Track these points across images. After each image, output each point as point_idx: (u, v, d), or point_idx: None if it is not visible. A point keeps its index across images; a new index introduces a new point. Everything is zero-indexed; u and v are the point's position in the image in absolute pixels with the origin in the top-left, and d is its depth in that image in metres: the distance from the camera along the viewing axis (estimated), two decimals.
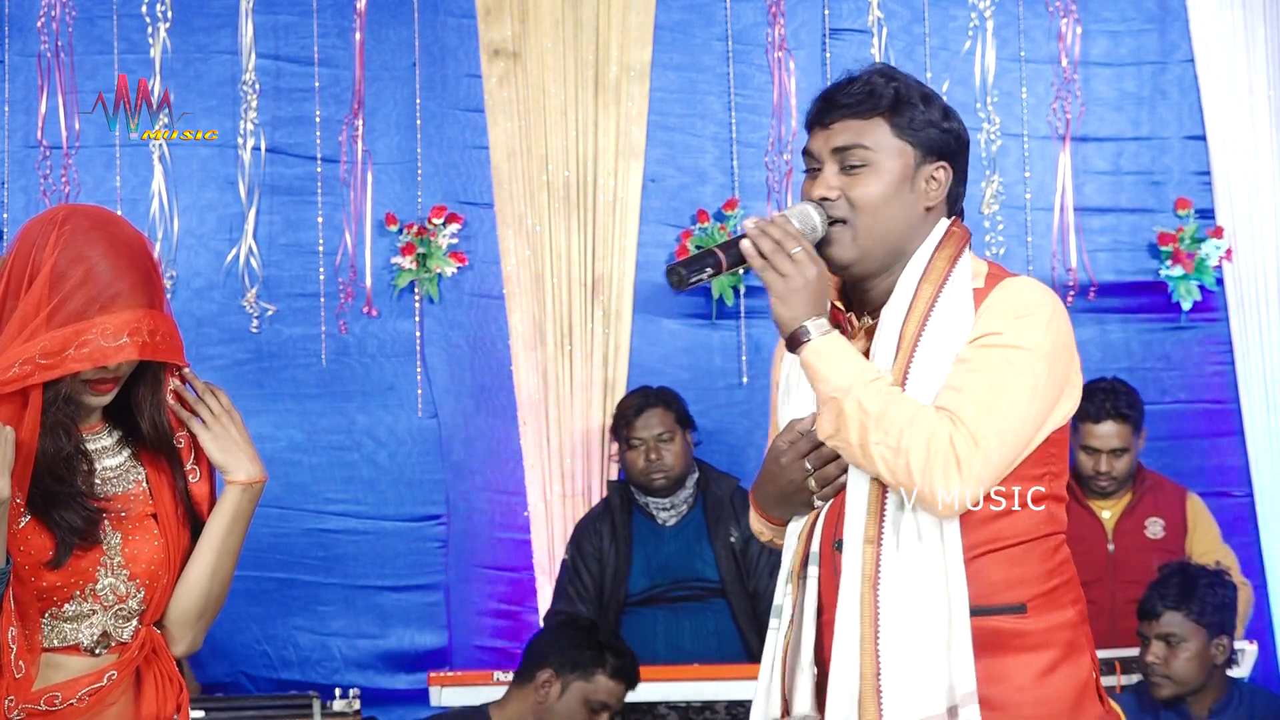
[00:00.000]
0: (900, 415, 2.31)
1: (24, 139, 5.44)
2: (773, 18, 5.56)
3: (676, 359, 5.47)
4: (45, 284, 2.32)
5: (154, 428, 2.45)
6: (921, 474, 2.30)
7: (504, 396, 5.47)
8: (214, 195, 5.46)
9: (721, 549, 4.81)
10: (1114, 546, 4.80)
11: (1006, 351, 2.36)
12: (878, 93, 2.46)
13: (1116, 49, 5.67)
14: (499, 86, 5.49)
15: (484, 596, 5.45)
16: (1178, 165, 5.64)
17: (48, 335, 2.30)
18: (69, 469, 2.39)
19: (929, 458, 2.30)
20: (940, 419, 2.32)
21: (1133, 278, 5.63)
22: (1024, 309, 2.40)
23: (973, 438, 2.31)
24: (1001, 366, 2.35)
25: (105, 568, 2.40)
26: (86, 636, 2.40)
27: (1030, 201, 5.58)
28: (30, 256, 2.35)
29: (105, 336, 2.31)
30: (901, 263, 2.44)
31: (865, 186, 2.44)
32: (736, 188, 5.56)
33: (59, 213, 2.40)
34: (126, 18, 5.44)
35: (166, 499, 2.46)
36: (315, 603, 5.35)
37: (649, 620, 4.84)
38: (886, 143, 2.45)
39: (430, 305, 5.53)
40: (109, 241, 2.36)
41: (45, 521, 2.36)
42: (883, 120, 2.45)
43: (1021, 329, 2.38)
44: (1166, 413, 5.51)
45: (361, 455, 5.48)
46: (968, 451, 2.30)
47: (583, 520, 5.06)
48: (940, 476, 2.30)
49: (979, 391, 2.34)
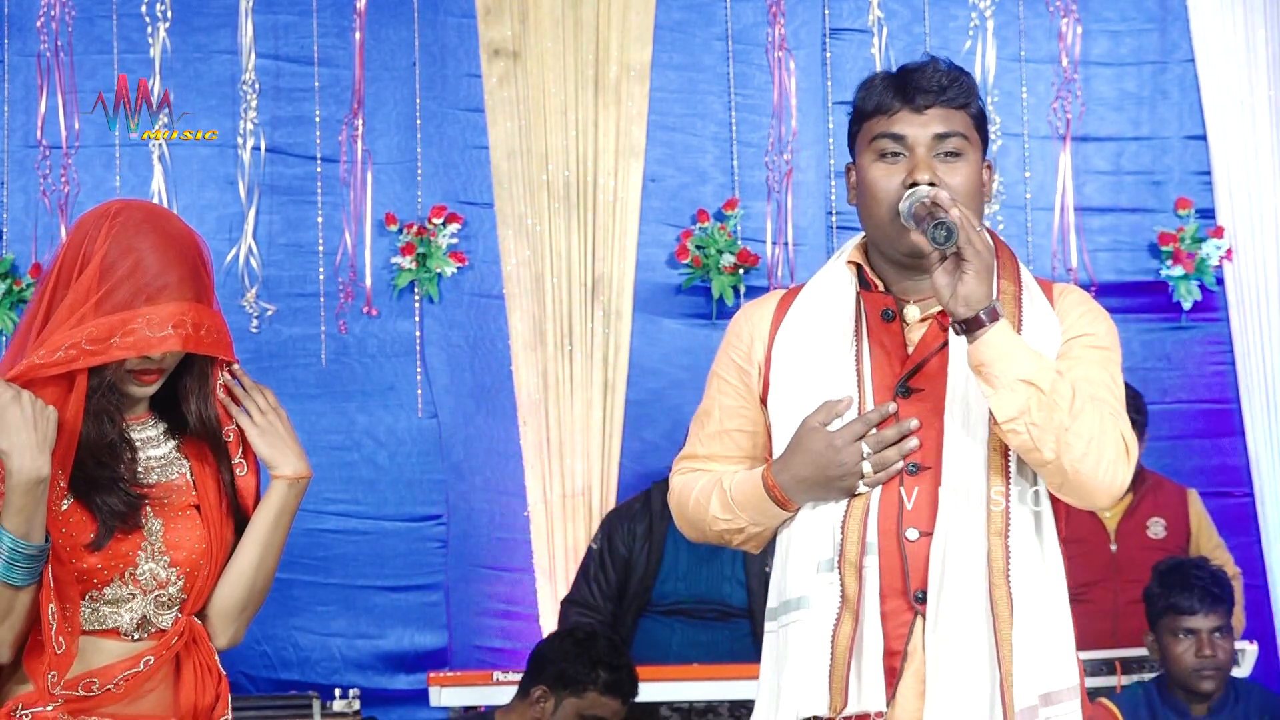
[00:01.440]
0: (1087, 407, 2.37)
1: (23, 139, 5.44)
2: (773, 17, 5.56)
3: (677, 359, 5.47)
4: (95, 273, 2.36)
5: (199, 420, 2.50)
6: (1110, 466, 2.38)
7: (504, 396, 5.47)
8: (213, 195, 5.46)
9: (755, 570, 4.71)
10: (1116, 547, 4.80)
11: (1106, 354, 2.47)
12: (966, 84, 2.49)
13: (1117, 49, 5.67)
14: (499, 86, 5.49)
15: (484, 596, 5.45)
16: (1178, 165, 5.64)
17: (94, 322, 2.35)
18: (112, 455, 2.43)
19: (1116, 449, 2.38)
20: (1110, 412, 2.40)
21: (1133, 277, 5.63)
22: (1100, 315, 2.53)
23: (1129, 432, 2.43)
24: (1110, 367, 2.46)
25: (145, 553, 2.44)
26: (126, 621, 2.43)
27: (1031, 201, 5.58)
28: (82, 247, 2.40)
29: (150, 326, 2.35)
30: None
31: (960, 175, 2.45)
32: (736, 187, 5.56)
33: (112, 206, 2.45)
34: (126, 17, 5.44)
35: (210, 491, 2.50)
36: (315, 603, 5.34)
37: (665, 629, 4.79)
38: (972, 135, 2.48)
39: (430, 305, 5.52)
40: (159, 235, 2.40)
41: (87, 505, 2.40)
42: (968, 113, 2.48)
43: (1108, 333, 2.50)
44: (1167, 413, 5.51)
45: (361, 455, 5.48)
46: (1132, 445, 2.43)
47: (617, 512, 4.99)
48: (1121, 469, 2.39)
49: (1110, 389, 2.43)
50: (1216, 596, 4.31)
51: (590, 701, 4.13)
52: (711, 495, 2.57)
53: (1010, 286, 2.45)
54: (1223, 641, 4.31)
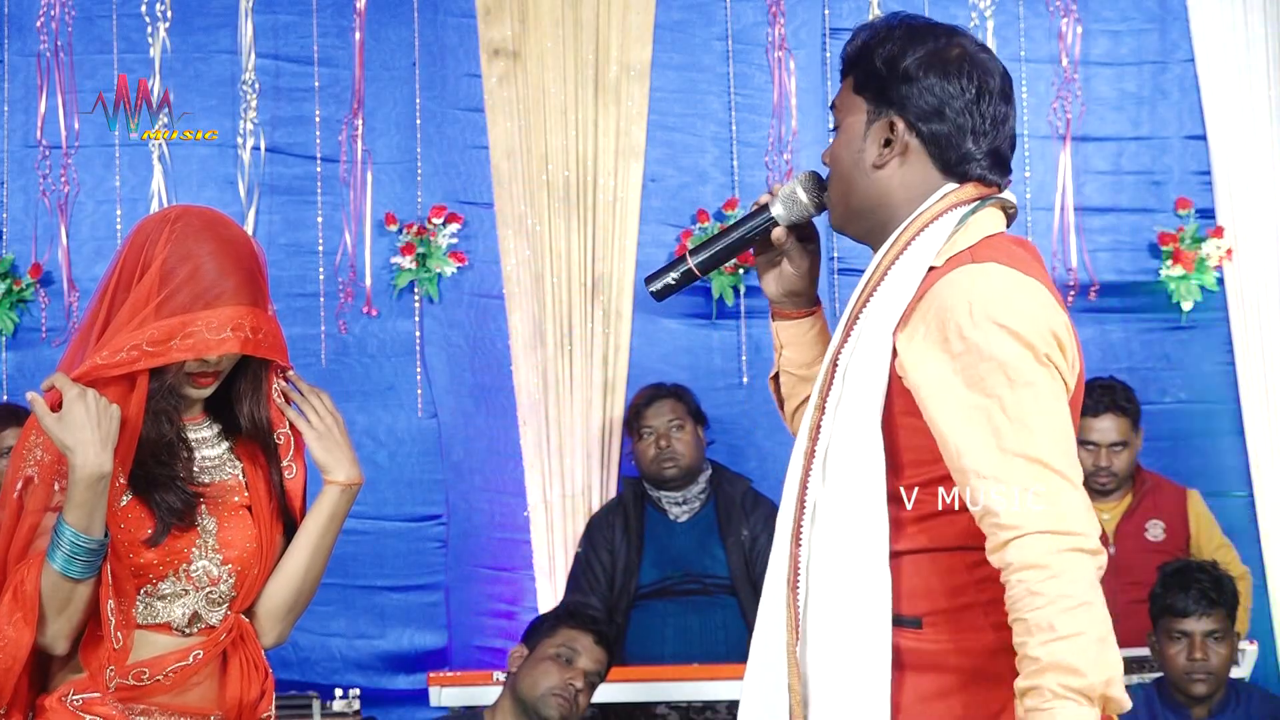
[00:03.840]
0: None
1: (23, 138, 5.44)
2: (773, 17, 5.56)
3: (676, 359, 5.47)
4: (156, 277, 2.44)
5: (252, 422, 2.57)
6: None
7: (504, 396, 5.47)
8: (213, 195, 5.45)
9: (733, 546, 4.85)
10: (1114, 549, 4.80)
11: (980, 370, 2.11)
12: (846, 51, 2.32)
13: (1117, 48, 5.67)
14: (499, 86, 5.49)
15: (484, 597, 5.45)
16: (1178, 165, 5.64)
17: (155, 325, 2.43)
18: (170, 454, 2.51)
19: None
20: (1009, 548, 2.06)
21: (1133, 277, 5.63)
22: (944, 338, 2.13)
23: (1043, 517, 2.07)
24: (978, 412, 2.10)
25: (199, 550, 2.51)
26: (178, 616, 2.51)
27: (1030, 201, 5.57)
28: (143, 251, 2.47)
29: (209, 330, 2.42)
30: (889, 231, 2.27)
31: (832, 146, 2.33)
32: (736, 187, 5.56)
33: (171, 212, 2.53)
34: (126, 17, 5.44)
35: (261, 493, 2.57)
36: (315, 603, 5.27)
37: (658, 614, 4.87)
38: (848, 100, 2.30)
39: (430, 305, 5.52)
40: (217, 240, 2.48)
41: (146, 502, 2.48)
42: (850, 77, 2.31)
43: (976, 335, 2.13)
44: (1167, 412, 5.52)
45: (361, 455, 5.30)
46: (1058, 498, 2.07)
47: (596, 515, 5.10)
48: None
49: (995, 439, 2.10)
50: (1213, 600, 4.29)
51: (561, 636, 4.10)
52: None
53: (885, 264, 2.22)
54: (1217, 646, 4.30)
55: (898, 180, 2.26)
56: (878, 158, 2.26)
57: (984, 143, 2.25)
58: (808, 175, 2.39)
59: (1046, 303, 2.18)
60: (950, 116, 2.24)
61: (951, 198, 2.24)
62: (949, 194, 2.24)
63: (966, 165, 2.25)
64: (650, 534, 4.95)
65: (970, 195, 2.25)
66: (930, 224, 2.22)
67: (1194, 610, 4.27)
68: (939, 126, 2.24)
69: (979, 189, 2.26)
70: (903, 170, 2.26)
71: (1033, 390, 2.10)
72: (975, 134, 2.25)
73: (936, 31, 2.29)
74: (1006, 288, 2.15)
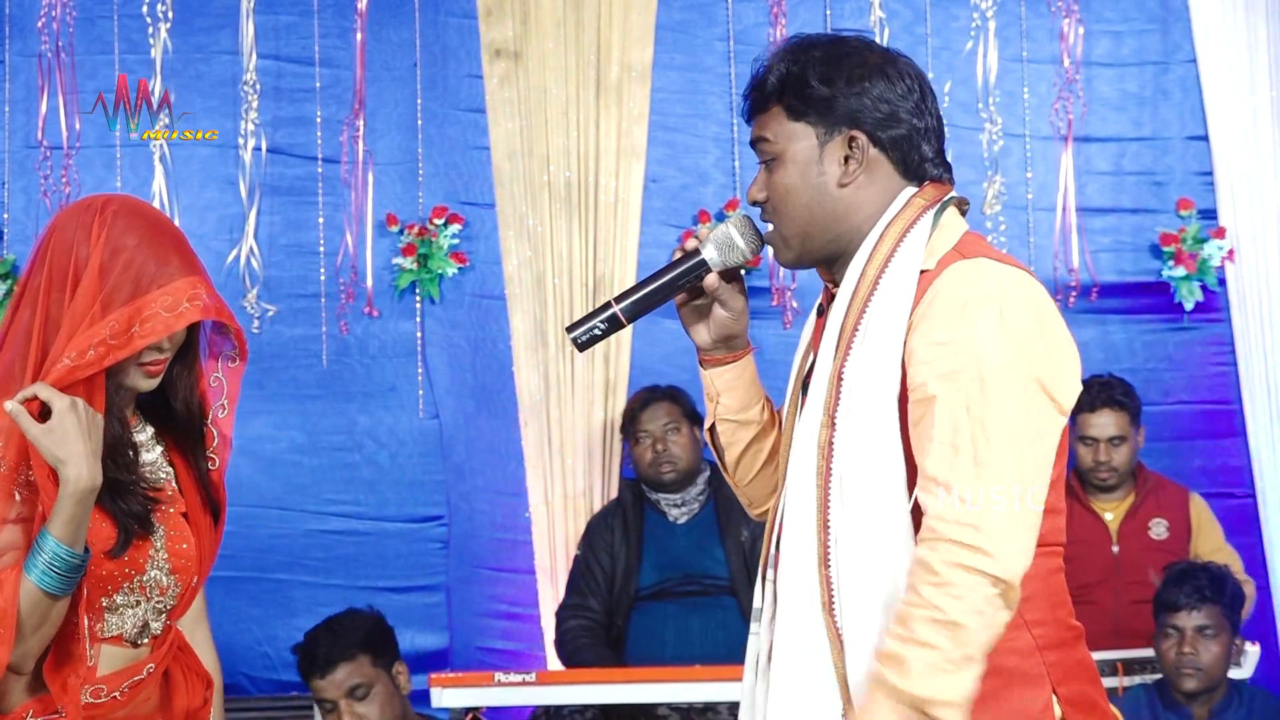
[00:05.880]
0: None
1: (24, 139, 5.43)
2: (774, 18, 5.56)
3: (678, 359, 5.45)
4: (95, 273, 2.36)
5: (187, 410, 2.50)
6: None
7: (505, 397, 5.46)
8: (214, 195, 5.45)
9: (733, 548, 4.83)
10: (1118, 548, 4.79)
11: (954, 390, 2.10)
12: (766, 82, 2.29)
13: (1119, 49, 5.66)
14: (500, 87, 5.48)
15: (485, 598, 5.44)
16: (1180, 165, 5.64)
17: (111, 318, 2.35)
18: (125, 458, 2.44)
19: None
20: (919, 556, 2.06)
21: (1135, 278, 5.62)
22: (952, 323, 2.13)
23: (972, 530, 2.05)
24: (961, 407, 2.10)
25: (152, 560, 2.44)
26: (129, 627, 2.44)
27: (1032, 202, 5.57)
28: (72, 249, 2.38)
29: (166, 308, 2.37)
30: (856, 244, 2.26)
31: (775, 180, 2.27)
32: (738, 188, 5.55)
33: (93, 203, 2.44)
34: (127, 18, 5.43)
35: (194, 495, 2.50)
36: (316, 604, 5.32)
37: (659, 616, 4.86)
38: (785, 129, 2.26)
39: (431, 306, 5.52)
40: (146, 222, 2.42)
41: (108, 510, 2.39)
42: (779, 107, 2.27)
43: (963, 346, 2.12)
44: (1169, 413, 5.51)
45: (362, 456, 5.47)
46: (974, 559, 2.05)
47: (595, 517, 5.09)
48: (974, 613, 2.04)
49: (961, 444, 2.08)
50: (1206, 596, 4.29)
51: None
52: None
53: (872, 274, 2.21)
54: (1209, 642, 4.29)
55: (863, 195, 2.26)
56: (842, 176, 2.26)
57: (933, 141, 2.28)
58: (741, 219, 2.35)
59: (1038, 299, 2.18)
60: (904, 119, 2.25)
61: (917, 201, 2.25)
62: (912, 197, 2.26)
63: (923, 166, 2.27)
64: (649, 536, 4.93)
65: (932, 196, 2.27)
66: (908, 230, 2.22)
67: (1185, 604, 4.27)
68: (896, 131, 2.25)
69: (937, 189, 2.28)
70: (867, 183, 2.26)
71: (1002, 394, 2.09)
72: (926, 133, 2.27)
73: (849, 42, 2.32)
74: (999, 283, 2.15)
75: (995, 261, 2.18)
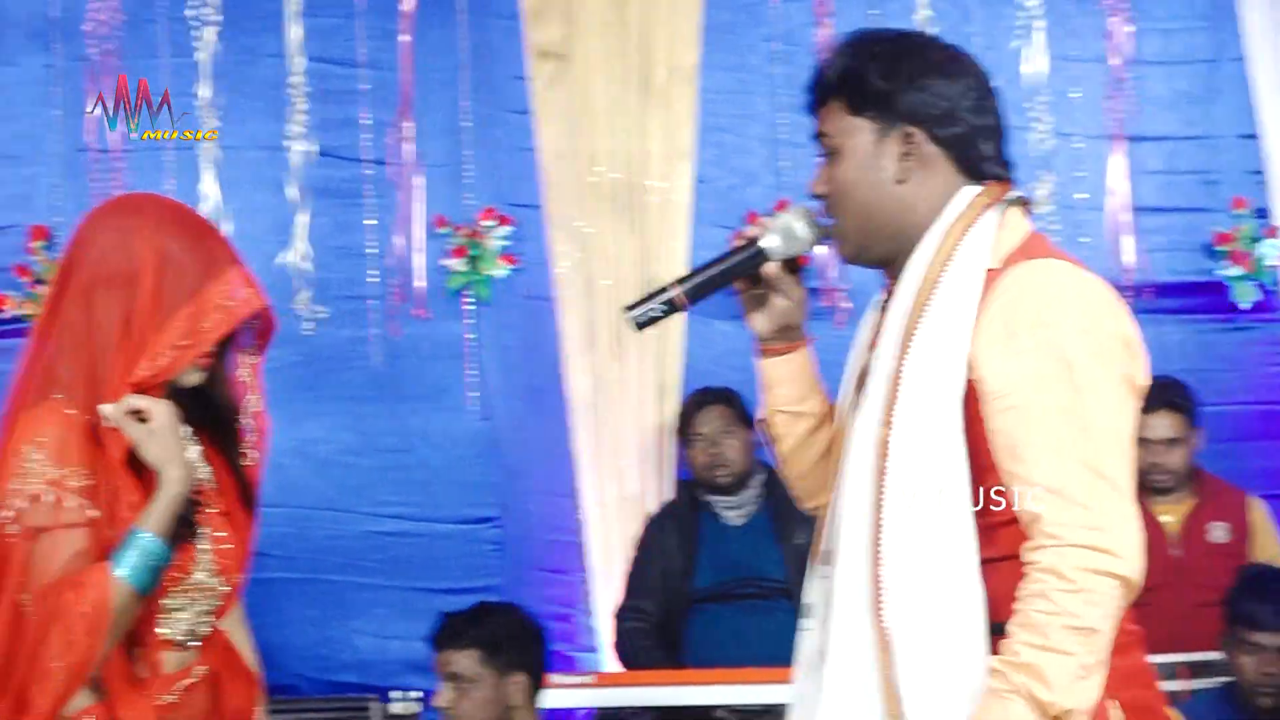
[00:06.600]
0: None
1: (74, 143, 5.44)
2: (820, 18, 5.54)
3: (730, 360, 5.42)
4: (151, 285, 2.34)
5: (226, 401, 2.48)
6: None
7: (556, 398, 5.45)
8: (264, 198, 5.45)
9: (789, 550, 4.80)
10: (1180, 551, 4.73)
11: (1030, 405, 2.09)
12: (826, 76, 2.28)
13: (1168, 47, 5.64)
14: (546, 88, 5.48)
15: (538, 599, 5.40)
16: (1232, 164, 5.61)
17: (174, 322, 2.34)
18: None
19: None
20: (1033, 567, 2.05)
21: (1189, 278, 5.59)
22: (1025, 329, 2.11)
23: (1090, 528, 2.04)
24: (1039, 420, 2.09)
25: (199, 561, 2.43)
26: (180, 630, 2.42)
27: (1083, 202, 5.55)
28: (118, 254, 2.36)
29: (227, 298, 2.37)
30: (916, 241, 2.24)
31: (835, 174, 2.26)
32: (787, 188, 5.53)
33: (127, 204, 2.45)
34: (173, 21, 5.43)
35: (231, 494, 2.48)
36: (371, 605, 5.34)
37: (716, 618, 4.84)
38: (844, 124, 2.25)
39: (482, 307, 5.52)
40: (184, 219, 2.42)
41: None
42: (839, 101, 2.26)
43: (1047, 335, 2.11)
44: (1225, 414, 5.45)
45: (415, 458, 5.47)
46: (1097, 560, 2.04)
47: (651, 518, 5.08)
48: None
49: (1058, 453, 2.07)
50: None
51: None
52: None
53: (934, 273, 2.19)
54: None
55: (921, 192, 2.24)
56: (899, 172, 2.24)
57: (993, 140, 2.26)
58: (803, 209, 2.35)
59: (1112, 299, 2.17)
60: (962, 118, 2.24)
61: (979, 200, 2.24)
62: (975, 196, 2.24)
63: (983, 165, 2.25)
64: (705, 538, 4.92)
65: (995, 195, 2.25)
66: (970, 227, 2.21)
67: (1271, 624, 4.16)
68: (954, 129, 2.24)
69: (999, 188, 2.26)
70: (925, 180, 2.24)
71: (1097, 395, 2.09)
72: (986, 132, 2.26)
73: (913, 38, 2.32)
74: (1075, 285, 2.14)
75: (1065, 262, 2.18)
